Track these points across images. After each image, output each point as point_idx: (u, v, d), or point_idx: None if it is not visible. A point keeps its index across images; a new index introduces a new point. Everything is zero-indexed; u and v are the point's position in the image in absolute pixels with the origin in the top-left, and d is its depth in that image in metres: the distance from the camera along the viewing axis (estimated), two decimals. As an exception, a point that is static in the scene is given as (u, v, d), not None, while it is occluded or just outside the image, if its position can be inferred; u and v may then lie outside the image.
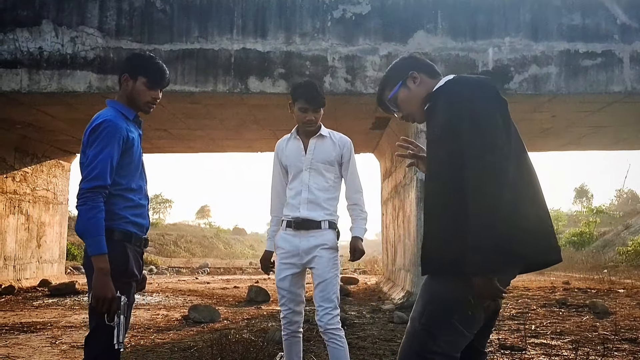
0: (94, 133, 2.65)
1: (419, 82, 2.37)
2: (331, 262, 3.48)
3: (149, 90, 2.80)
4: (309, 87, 3.58)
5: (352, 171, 3.66)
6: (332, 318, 3.41)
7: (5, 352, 5.07)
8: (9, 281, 11.17)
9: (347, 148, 3.64)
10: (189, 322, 6.85)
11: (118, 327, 2.55)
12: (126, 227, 2.70)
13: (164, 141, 12.25)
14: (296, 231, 3.52)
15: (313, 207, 3.52)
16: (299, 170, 3.59)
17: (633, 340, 5.75)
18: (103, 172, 2.59)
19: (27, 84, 8.39)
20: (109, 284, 2.52)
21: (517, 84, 8.38)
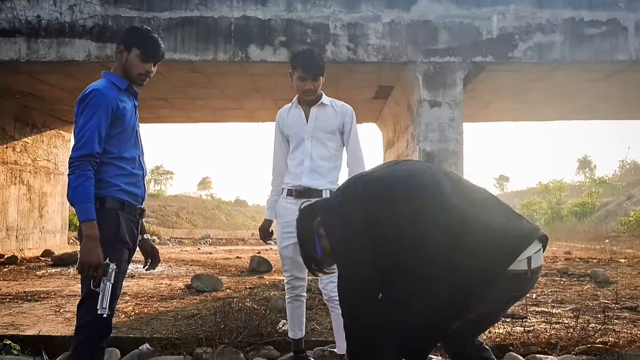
0: (82, 103, 2.70)
1: None
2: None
3: (142, 62, 2.82)
4: (307, 55, 3.53)
5: (353, 140, 3.62)
6: (335, 286, 3.41)
7: (9, 321, 5.11)
8: (12, 251, 11.23)
9: (348, 116, 3.61)
10: (192, 291, 6.88)
11: (103, 293, 2.56)
12: (118, 195, 2.72)
13: (164, 111, 12.18)
14: (297, 199, 3.49)
15: (315, 176, 3.51)
16: (301, 140, 3.57)
17: (633, 309, 5.79)
18: (90, 141, 2.62)
19: (26, 52, 8.30)
20: (95, 250, 2.54)
21: (522, 52, 8.26)
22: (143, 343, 4.19)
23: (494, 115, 12.92)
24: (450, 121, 8.26)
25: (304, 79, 3.48)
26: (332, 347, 3.98)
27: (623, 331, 4.65)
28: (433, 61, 8.29)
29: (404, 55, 8.30)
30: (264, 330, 4.29)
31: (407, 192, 2.02)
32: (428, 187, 2.05)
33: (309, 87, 3.49)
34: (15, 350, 4.18)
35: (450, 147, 8.24)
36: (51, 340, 4.34)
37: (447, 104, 8.27)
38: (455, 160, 8.23)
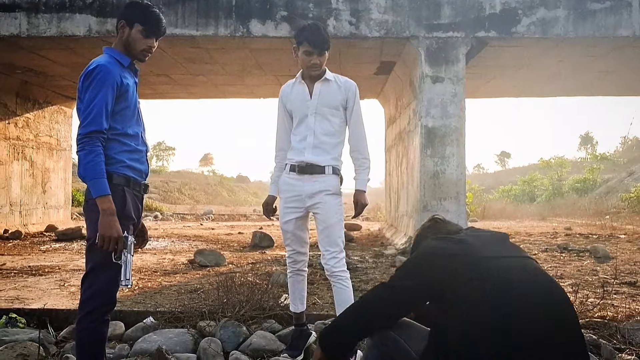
0: (87, 79, 2.68)
1: None
2: (335, 207, 3.50)
3: (144, 38, 2.82)
4: (313, 29, 3.49)
5: (356, 116, 3.61)
6: (338, 261, 3.47)
7: (15, 295, 5.18)
8: (16, 226, 11.30)
9: (352, 92, 3.59)
10: (195, 266, 6.94)
11: (125, 265, 2.63)
12: (124, 171, 2.76)
13: (165, 87, 12.15)
14: (300, 175, 3.52)
15: (318, 151, 3.51)
16: (305, 115, 3.56)
17: (632, 284, 5.84)
18: (98, 117, 2.63)
19: (27, 27, 8.27)
20: (114, 224, 2.59)
21: (525, 27, 8.21)
22: (147, 316, 4.25)
23: (496, 91, 12.87)
24: (452, 97, 8.24)
25: (309, 54, 3.44)
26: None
27: (622, 306, 4.69)
28: (436, 36, 8.24)
29: (406, 30, 8.26)
30: (266, 305, 4.34)
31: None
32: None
33: (315, 62, 3.45)
34: (21, 324, 4.23)
35: (452, 123, 8.23)
36: (56, 314, 4.39)
37: (449, 79, 8.24)
38: (457, 136, 8.23)
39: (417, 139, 8.65)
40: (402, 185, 10.62)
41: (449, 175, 8.21)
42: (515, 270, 1.97)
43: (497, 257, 1.99)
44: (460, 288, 1.92)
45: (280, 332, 4.00)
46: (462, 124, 8.29)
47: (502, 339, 1.83)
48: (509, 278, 1.92)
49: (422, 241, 2.26)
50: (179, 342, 3.77)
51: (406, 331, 2.12)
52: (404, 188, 10.33)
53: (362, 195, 3.60)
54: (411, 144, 9.38)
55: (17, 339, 3.77)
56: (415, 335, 2.12)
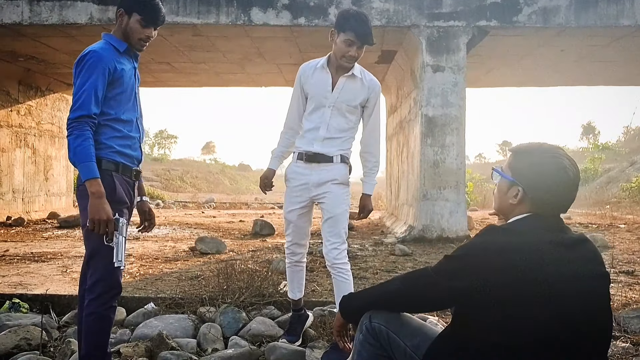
0: (79, 64, 2.71)
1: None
2: (341, 197, 3.45)
3: (142, 28, 2.82)
4: (362, 19, 3.26)
5: (374, 117, 3.51)
6: (339, 253, 3.43)
7: (18, 280, 5.23)
8: (19, 213, 11.37)
9: (375, 93, 3.46)
10: (195, 253, 7.00)
11: (117, 247, 2.66)
12: (113, 156, 2.77)
13: (167, 74, 12.16)
14: (307, 164, 3.45)
15: (328, 143, 3.43)
16: (322, 105, 3.44)
17: (630, 273, 5.87)
18: (87, 102, 2.65)
19: (29, 15, 8.29)
20: (104, 207, 2.62)
21: (526, 17, 8.21)
22: (148, 302, 4.30)
23: (498, 80, 12.86)
24: (453, 86, 8.26)
25: (350, 44, 3.24)
26: (332, 307, 4.09)
27: (618, 294, 4.74)
28: (437, 25, 8.25)
29: (407, 19, 8.26)
30: (266, 291, 4.40)
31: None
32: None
33: (353, 54, 3.27)
34: (24, 309, 4.30)
35: (452, 112, 8.25)
36: (58, 299, 4.46)
37: (450, 68, 8.25)
38: (457, 125, 8.25)
39: (417, 128, 8.67)
40: (403, 174, 10.66)
41: (449, 165, 8.24)
42: (569, 295, 1.79)
43: (560, 275, 1.80)
44: (503, 296, 1.78)
45: (280, 318, 4.06)
46: (463, 114, 8.31)
47: (524, 357, 1.78)
48: (559, 303, 1.78)
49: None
50: (179, 327, 3.83)
51: (398, 325, 2.09)
52: (405, 177, 10.37)
53: (369, 199, 3.57)
54: (412, 133, 9.41)
55: (20, 323, 3.83)
56: (408, 330, 2.09)
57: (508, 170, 2.03)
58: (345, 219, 3.47)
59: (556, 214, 1.97)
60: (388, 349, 2.09)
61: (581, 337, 1.80)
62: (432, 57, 8.25)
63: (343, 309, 2.20)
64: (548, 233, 1.90)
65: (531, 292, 1.76)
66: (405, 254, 6.95)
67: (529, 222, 1.94)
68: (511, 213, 2.01)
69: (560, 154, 1.95)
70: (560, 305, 1.77)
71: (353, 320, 2.18)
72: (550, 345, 1.76)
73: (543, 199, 1.93)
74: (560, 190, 1.93)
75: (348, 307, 2.18)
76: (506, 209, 2.04)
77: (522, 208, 1.98)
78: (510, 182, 2.00)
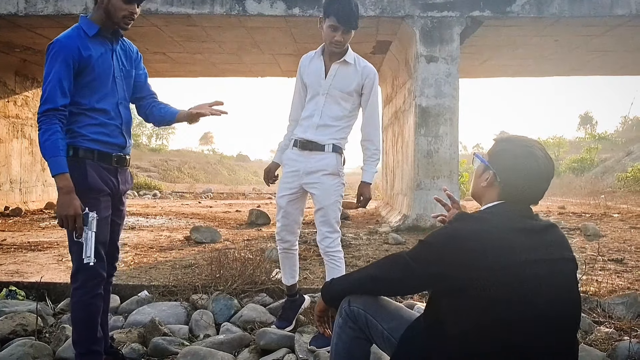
0: (47, 55, 2.69)
1: None
2: (332, 188, 3.47)
3: (125, 4, 2.73)
4: (344, 3, 3.25)
5: (372, 104, 3.50)
6: (332, 241, 3.50)
7: (14, 269, 5.30)
8: (16, 204, 11.42)
9: (370, 79, 3.45)
10: (190, 243, 7.06)
11: (86, 242, 2.62)
12: (86, 144, 2.73)
13: (163, 65, 12.17)
14: (301, 151, 3.49)
15: (321, 131, 3.45)
16: (317, 93, 3.47)
17: (619, 261, 5.95)
18: (52, 95, 2.62)
19: (24, 6, 8.30)
20: (71, 202, 2.59)
21: (520, 7, 8.23)
22: (142, 290, 4.37)
23: (493, 70, 12.89)
24: (446, 77, 8.30)
25: (335, 29, 3.26)
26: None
27: (605, 282, 4.81)
28: (430, 15, 8.27)
29: (401, 9, 8.28)
30: (258, 279, 4.46)
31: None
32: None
33: (339, 39, 3.28)
34: (20, 296, 4.37)
35: (446, 102, 8.30)
36: (54, 287, 4.52)
37: (443, 59, 8.29)
38: (451, 115, 8.30)
39: (411, 118, 8.72)
40: (398, 164, 10.72)
41: (442, 154, 8.30)
42: (538, 280, 1.85)
43: (529, 260, 1.86)
44: (476, 281, 1.84)
45: (271, 305, 4.13)
46: (456, 104, 8.36)
47: (496, 342, 1.84)
48: (529, 287, 1.84)
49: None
50: (172, 314, 3.90)
51: (376, 309, 2.15)
52: (399, 167, 10.43)
53: (367, 187, 3.57)
54: (406, 123, 9.46)
55: (16, 310, 3.90)
56: (385, 313, 2.15)
57: (487, 156, 2.11)
58: (336, 209, 3.50)
59: (526, 202, 2.03)
60: (366, 332, 2.16)
61: (551, 317, 1.86)
62: (426, 47, 8.29)
63: (324, 294, 2.26)
64: (517, 219, 1.97)
65: (501, 276, 1.83)
66: (398, 243, 7.01)
67: (498, 209, 2.01)
68: (483, 197, 2.09)
69: (535, 146, 2.03)
70: (529, 288, 1.83)
71: (333, 305, 2.25)
72: (520, 326, 1.83)
73: (511, 184, 2.01)
74: (529, 178, 1.99)
75: (328, 292, 2.25)
76: (479, 192, 2.12)
77: (493, 193, 2.06)
78: (485, 166, 2.08)
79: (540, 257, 1.88)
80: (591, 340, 3.42)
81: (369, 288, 2.14)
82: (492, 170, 2.04)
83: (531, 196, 2.02)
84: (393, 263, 2.05)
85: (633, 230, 8.79)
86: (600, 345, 3.33)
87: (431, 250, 1.96)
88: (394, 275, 2.03)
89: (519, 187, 2.00)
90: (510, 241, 1.87)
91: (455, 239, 1.91)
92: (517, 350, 1.84)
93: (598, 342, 3.39)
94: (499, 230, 1.90)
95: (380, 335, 2.13)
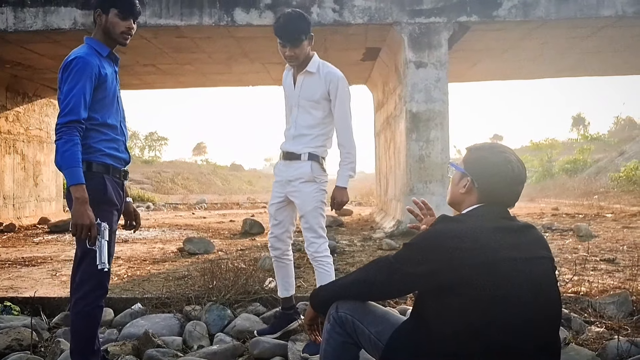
0: (66, 70, 2.77)
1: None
2: (310, 195, 3.54)
3: (122, 21, 2.90)
4: (284, 20, 3.39)
5: (340, 108, 3.53)
6: (318, 247, 3.55)
7: (9, 284, 5.30)
8: (10, 219, 11.39)
9: (334, 84, 3.49)
10: (184, 254, 7.06)
11: (100, 250, 2.73)
12: (103, 159, 2.86)
13: (153, 77, 12.19)
14: (284, 161, 3.63)
15: (297, 141, 3.56)
16: (291, 105, 3.63)
17: (611, 261, 5.98)
18: (76, 107, 2.71)
19: (13, 22, 8.32)
20: (86, 212, 2.67)
21: (506, 11, 8.30)
22: (135, 303, 4.37)
23: (483, 74, 12.97)
24: (436, 82, 8.35)
25: (283, 46, 3.41)
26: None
27: (596, 282, 4.84)
28: (418, 22, 8.33)
29: (389, 16, 8.34)
30: (251, 288, 4.47)
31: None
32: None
33: (290, 54, 3.41)
34: (15, 311, 4.37)
35: (436, 107, 8.35)
36: (48, 302, 4.52)
37: (432, 64, 8.34)
38: (441, 120, 8.35)
39: (402, 124, 8.76)
40: (390, 169, 10.76)
41: (434, 159, 8.34)
42: (519, 277, 1.90)
43: (509, 258, 1.91)
44: (460, 279, 1.89)
45: (265, 314, 4.13)
46: (446, 108, 8.40)
47: (481, 341, 1.87)
48: (510, 285, 1.88)
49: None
50: (165, 325, 3.91)
51: (363, 314, 2.18)
52: (392, 172, 10.47)
53: (341, 191, 3.60)
54: (397, 129, 9.50)
55: (11, 325, 3.90)
56: (372, 318, 2.18)
57: (462, 164, 2.18)
58: (317, 215, 3.56)
59: (503, 205, 2.10)
60: (354, 336, 2.18)
61: (532, 315, 1.90)
62: (415, 53, 8.34)
63: (312, 301, 2.29)
64: (495, 220, 2.03)
65: (482, 273, 1.88)
66: (392, 249, 7.04)
67: (477, 211, 2.08)
68: (462, 203, 2.15)
69: (508, 152, 2.12)
70: (510, 285, 1.88)
71: (322, 312, 2.28)
72: (503, 324, 1.87)
73: (489, 188, 2.08)
74: (505, 182, 2.07)
75: (317, 298, 2.28)
76: (458, 199, 2.18)
77: (472, 198, 2.12)
78: (462, 173, 2.15)
79: (519, 255, 1.94)
80: (582, 340, 3.44)
81: (356, 292, 2.18)
82: (470, 177, 2.11)
83: (508, 199, 2.09)
84: (378, 266, 2.10)
85: (626, 229, 8.84)
86: (591, 345, 3.35)
87: (415, 251, 2.01)
88: (379, 278, 2.07)
89: (497, 191, 2.08)
90: (490, 239, 1.93)
91: (438, 239, 1.97)
92: (500, 348, 1.88)
93: (589, 342, 3.41)
94: (478, 229, 1.96)
95: (367, 340, 2.16)
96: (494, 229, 1.97)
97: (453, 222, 2.02)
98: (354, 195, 25.50)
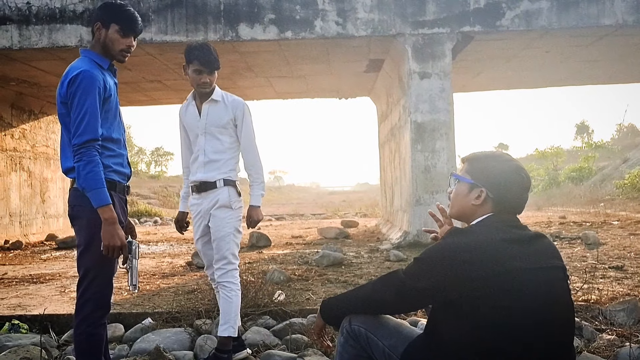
0: (72, 85, 2.66)
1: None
2: (224, 221, 3.60)
3: (122, 38, 2.80)
4: (204, 49, 3.58)
5: (246, 133, 3.70)
6: (224, 273, 3.59)
7: (17, 302, 5.30)
8: (16, 237, 11.42)
9: (239, 110, 3.67)
10: (192, 268, 7.07)
11: (131, 270, 2.74)
12: (110, 175, 2.78)
13: (159, 92, 12.26)
14: (198, 194, 3.67)
15: (209, 168, 3.64)
16: (196, 135, 3.70)
17: (619, 268, 5.97)
18: (92, 125, 2.64)
19: (18, 40, 8.39)
20: (116, 232, 2.64)
21: (509, 21, 8.34)
22: (145, 318, 4.38)
23: (486, 84, 12.99)
24: (440, 92, 8.38)
25: (200, 72, 3.54)
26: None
27: (606, 289, 4.83)
28: (421, 33, 8.38)
29: (392, 28, 8.39)
30: (261, 301, 4.48)
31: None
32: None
33: (205, 80, 3.55)
34: (23, 329, 4.37)
35: (441, 117, 8.37)
36: (57, 319, 4.52)
37: (436, 75, 8.37)
38: (447, 130, 8.36)
39: (407, 135, 8.78)
40: (396, 180, 10.76)
41: (439, 169, 8.35)
42: (531, 288, 1.89)
43: (520, 268, 1.90)
44: (472, 291, 1.88)
45: (275, 327, 4.14)
46: (451, 118, 8.42)
47: (495, 353, 1.87)
48: (522, 295, 1.87)
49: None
50: (176, 340, 3.91)
51: (376, 326, 2.18)
52: (398, 183, 10.47)
53: (255, 210, 3.72)
54: (402, 140, 9.52)
55: (20, 343, 3.90)
56: (385, 330, 2.18)
57: (466, 175, 2.16)
58: (229, 241, 3.61)
59: (513, 213, 2.11)
60: (368, 350, 2.18)
61: (546, 324, 1.89)
62: (419, 64, 8.38)
63: (324, 313, 2.29)
64: (506, 230, 2.02)
65: (495, 285, 1.87)
66: (400, 260, 7.03)
67: (487, 222, 2.08)
68: (474, 215, 2.13)
69: (513, 159, 2.15)
70: (523, 295, 1.88)
71: (334, 323, 2.28)
72: (517, 334, 1.86)
73: (503, 198, 2.08)
74: (517, 190, 2.09)
75: (328, 311, 2.28)
76: (468, 211, 2.15)
77: (485, 209, 2.11)
78: (471, 185, 2.13)
79: (531, 265, 1.93)
80: (594, 348, 3.44)
81: (366, 306, 2.18)
82: (483, 188, 2.10)
83: (518, 206, 2.11)
84: (388, 282, 2.10)
85: (632, 237, 8.81)
86: (602, 353, 3.35)
87: (425, 266, 2.00)
88: (389, 294, 2.07)
89: (509, 200, 2.09)
90: (501, 251, 1.92)
91: (449, 252, 1.96)
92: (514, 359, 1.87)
93: (601, 350, 3.41)
94: (490, 241, 1.95)
95: (381, 353, 2.16)
96: (505, 240, 1.97)
97: (463, 235, 2.01)
98: (359, 207, 25.49)
